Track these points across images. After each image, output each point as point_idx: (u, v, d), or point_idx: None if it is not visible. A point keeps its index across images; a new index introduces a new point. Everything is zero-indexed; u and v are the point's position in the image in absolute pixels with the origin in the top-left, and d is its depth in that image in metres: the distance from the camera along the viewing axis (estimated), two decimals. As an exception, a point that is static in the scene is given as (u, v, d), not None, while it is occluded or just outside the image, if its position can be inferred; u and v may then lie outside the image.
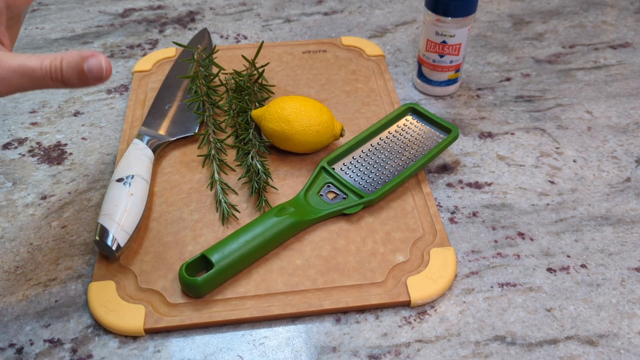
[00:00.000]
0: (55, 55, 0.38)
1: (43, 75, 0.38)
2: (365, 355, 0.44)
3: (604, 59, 0.72)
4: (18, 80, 0.37)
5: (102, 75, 0.38)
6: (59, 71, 0.38)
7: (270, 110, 0.56)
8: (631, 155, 0.60)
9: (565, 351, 0.44)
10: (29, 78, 0.38)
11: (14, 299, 0.47)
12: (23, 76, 0.37)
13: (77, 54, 0.38)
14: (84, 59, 0.38)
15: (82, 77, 0.38)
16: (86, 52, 0.38)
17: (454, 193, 0.56)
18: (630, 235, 0.52)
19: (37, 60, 0.38)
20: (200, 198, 0.54)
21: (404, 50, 0.74)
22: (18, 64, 0.37)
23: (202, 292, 0.46)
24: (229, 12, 0.81)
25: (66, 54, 0.38)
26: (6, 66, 0.37)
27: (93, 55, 0.38)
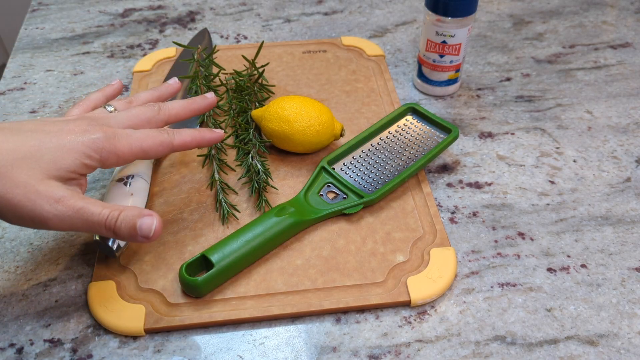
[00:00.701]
0: (116, 207, 0.42)
1: (99, 221, 0.41)
2: (366, 355, 0.44)
3: (604, 59, 0.72)
4: (76, 220, 0.40)
5: (148, 236, 0.41)
6: (113, 222, 0.41)
7: (270, 110, 0.56)
8: (631, 155, 0.60)
9: (565, 351, 0.44)
10: (85, 220, 0.41)
11: (14, 299, 0.47)
12: (81, 217, 0.40)
13: (136, 212, 0.42)
14: (139, 217, 0.41)
15: (133, 233, 0.41)
16: (144, 210, 0.42)
17: (454, 193, 0.56)
18: (630, 235, 0.52)
19: (98, 207, 0.41)
20: (200, 198, 0.54)
21: (404, 50, 0.74)
22: (81, 205, 0.40)
23: (202, 292, 0.46)
24: (229, 12, 0.81)
25: (126, 208, 0.42)
26: (71, 205, 0.40)
27: (149, 215, 0.42)
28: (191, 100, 0.52)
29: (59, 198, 0.40)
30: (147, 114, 0.48)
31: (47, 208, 0.40)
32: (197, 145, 0.49)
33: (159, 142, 0.46)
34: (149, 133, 0.46)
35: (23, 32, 0.77)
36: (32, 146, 0.41)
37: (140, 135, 0.45)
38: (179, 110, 0.50)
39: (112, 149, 0.43)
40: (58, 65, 0.71)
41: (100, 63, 0.72)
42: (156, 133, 0.46)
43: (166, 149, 0.47)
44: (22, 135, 0.41)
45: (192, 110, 0.51)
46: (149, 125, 0.48)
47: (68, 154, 0.41)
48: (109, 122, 0.46)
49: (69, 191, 0.41)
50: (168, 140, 0.47)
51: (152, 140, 0.46)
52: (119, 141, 0.44)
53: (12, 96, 0.67)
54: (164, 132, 0.47)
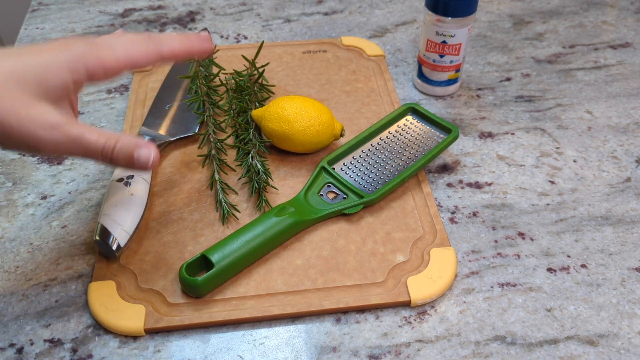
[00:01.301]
0: (112, 135, 0.40)
1: (95, 150, 0.40)
2: (366, 355, 0.44)
3: (604, 59, 0.72)
4: (72, 147, 0.39)
5: (147, 166, 0.41)
6: (110, 151, 0.40)
7: (270, 110, 0.56)
8: (631, 155, 0.60)
9: (565, 351, 0.44)
10: (82, 148, 0.40)
11: (14, 299, 0.47)
12: (78, 146, 0.39)
13: (133, 141, 0.41)
14: (136, 147, 0.41)
15: (130, 162, 0.41)
16: (141, 141, 0.41)
17: (454, 193, 0.56)
18: (630, 235, 0.52)
19: (95, 135, 0.40)
20: (200, 198, 0.54)
21: (404, 50, 0.74)
22: (77, 133, 0.39)
23: (202, 292, 0.46)
24: (229, 12, 0.81)
25: (123, 137, 0.41)
26: (67, 133, 0.39)
27: (146, 146, 0.41)
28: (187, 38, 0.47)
29: (54, 125, 0.38)
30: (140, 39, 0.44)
31: (42, 134, 0.38)
32: (187, 53, 0.45)
33: (145, 51, 0.43)
34: (134, 40, 0.43)
35: (23, 32, 0.77)
36: (13, 66, 0.38)
37: (125, 45, 0.42)
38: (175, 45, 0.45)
39: (97, 60, 0.41)
40: (58, 65, 0.71)
41: (100, 63, 0.72)
42: (141, 40, 0.43)
43: (155, 57, 0.43)
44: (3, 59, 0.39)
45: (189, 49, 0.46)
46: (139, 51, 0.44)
47: (52, 71, 0.39)
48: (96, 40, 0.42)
49: (63, 116, 0.39)
50: (155, 49, 0.43)
51: (137, 49, 0.42)
52: (103, 51, 0.41)
53: (12, 96, 0.67)
54: (150, 41, 0.43)
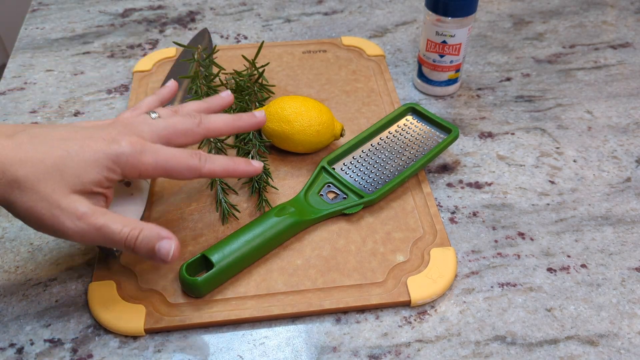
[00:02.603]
0: (136, 225, 0.41)
1: (119, 240, 0.41)
2: (366, 355, 0.44)
3: (604, 59, 0.72)
4: (96, 237, 0.41)
5: (166, 260, 0.41)
6: (133, 241, 0.41)
7: (270, 110, 0.56)
8: (631, 155, 0.60)
9: (565, 351, 0.44)
10: (106, 238, 0.41)
11: (14, 299, 0.47)
12: (102, 235, 0.41)
13: (155, 233, 0.41)
14: (158, 239, 0.41)
15: (151, 254, 0.41)
16: (164, 232, 0.42)
17: (454, 193, 0.56)
18: (630, 235, 0.52)
19: (119, 225, 0.41)
20: (200, 198, 0.54)
21: (404, 50, 0.74)
22: (102, 223, 0.40)
23: (202, 292, 0.46)
24: (229, 12, 0.81)
25: (146, 228, 0.41)
26: (92, 223, 0.40)
27: (168, 238, 0.41)
28: (237, 117, 0.49)
29: (81, 215, 0.40)
30: (185, 125, 0.46)
31: (69, 224, 0.40)
32: (228, 176, 0.47)
33: (186, 167, 0.44)
34: (178, 154, 0.44)
35: (23, 32, 0.77)
36: (58, 157, 0.40)
37: (168, 155, 0.44)
38: (221, 126, 0.48)
39: (136, 163, 0.42)
40: (58, 65, 0.71)
41: (101, 63, 0.72)
42: (186, 156, 0.44)
43: (192, 175, 0.45)
44: (49, 145, 0.41)
45: (235, 128, 0.49)
46: (185, 137, 0.46)
47: (91, 168, 0.41)
48: (142, 132, 0.44)
49: (91, 207, 0.41)
50: (196, 167, 0.44)
51: (178, 162, 0.44)
52: (144, 156, 0.42)
53: (12, 96, 0.67)
54: (195, 156, 0.44)
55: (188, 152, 0.45)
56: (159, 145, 0.44)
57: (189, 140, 0.46)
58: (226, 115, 0.49)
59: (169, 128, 0.46)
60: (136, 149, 0.42)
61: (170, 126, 0.46)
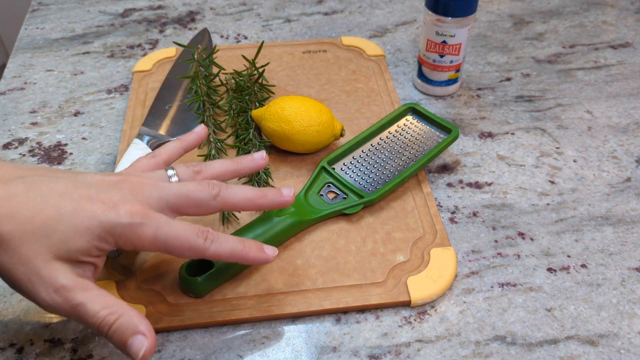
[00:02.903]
0: (115, 311, 0.38)
1: (92, 323, 0.37)
2: (366, 355, 0.44)
3: (604, 59, 0.72)
4: (70, 314, 0.37)
5: (136, 358, 0.37)
6: (106, 328, 0.37)
7: (270, 110, 0.56)
8: (631, 155, 0.60)
9: (565, 351, 0.44)
10: (79, 318, 0.38)
11: (14, 299, 0.47)
12: (76, 314, 0.37)
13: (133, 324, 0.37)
14: (132, 334, 0.37)
15: (121, 347, 0.38)
16: (143, 326, 0.38)
17: (454, 193, 0.56)
18: (630, 235, 0.52)
19: (97, 306, 0.37)
20: (200, 198, 0.54)
21: (404, 50, 0.74)
22: (79, 302, 0.37)
23: (202, 292, 0.46)
24: (229, 12, 0.81)
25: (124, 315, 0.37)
26: (69, 299, 0.37)
27: (142, 334, 0.37)
28: (262, 194, 0.44)
29: (59, 288, 0.37)
30: (200, 195, 0.42)
31: (44, 295, 0.37)
32: (235, 260, 0.42)
33: (188, 247, 0.40)
34: (182, 232, 0.40)
35: (23, 32, 0.77)
36: (48, 218, 0.37)
37: (171, 231, 0.39)
38: (241, 201, 0.43)
39: (131, 236, 0.39)
40: (58, 65, 0.71)
41: (101, 63, 0.72)
42: (191, 235, 0.40)
43: (193, 255, 0.41)
44: (44, 201, 0.37)
45: (257, 206, 0.45)
46: (198, 209, 0.42)
47: (81, 235, 0.37)
48: (150, 198, 0.40)
49: (73, 280, 0.37)
50: (200, 249, 0.40)
51: (180, 242, 0.40)
52: (142, 229, 0.39)
53: (12, 96, 0.67)
54: (201, 236, 0.40)
55: (195, 230, 0.40)
56: (164, 219, 0.40)
57: (201, 212, 0.42)
58: (249, 189, 0.44)
59: (180, 197, 0.41)
60: (135, 221, 0.38)
61: (182, 195, 0.41)
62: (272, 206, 0.46)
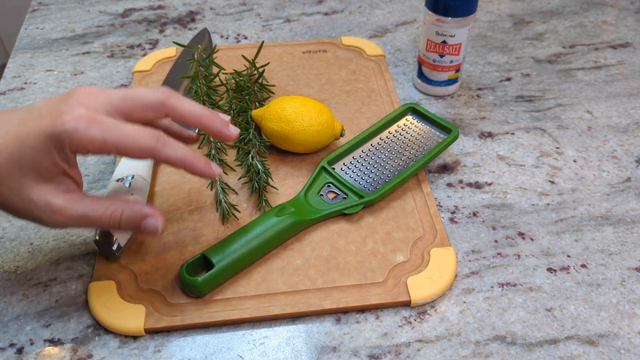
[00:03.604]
0: (117, 207, 0.41)
1: (102, 225, 0.41)
2: (366, 355, 0.44)
3: (604, 59, 0.72)
4: (77, 225, 0.41)
5: (155, 235, 0.42)
6: (117, 224, 0.41)
7: (270, 110, 0.56)
8: (631, 155, 0.60)
9: (565, 351, 0.44)
10: (87, 224, 0.41)
11: (14, 299, 0.47)
12: (82, 223, 0.40)
13: (139, 211, 0.41)
14: (143, 217, 0.41)
15: (138, 230, 0.42)
16: (147, 209, 0.41)
17: (454, 193, 0.56)
18: (630, 235, 0.52)
19: (99, 210, 0.40)
20: (200, 198, 0.54)
21: (404, 50, 0.74)
22: (80, 213, 0.40)
23: (203, 292, 0.46)
24: (229, 12, 0.81)
25: (127, 208, 0.41)
26: (70, 215, 0.39)
27: (152, 216, 0.41)
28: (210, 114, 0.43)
29: (55, 209, 0.39)
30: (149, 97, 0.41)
31: (46, 219, 0.39)
32: (183, 169, 0.42)
33: (139, 147, 0.39)
34: (133, 132, 0.39)
35: (23, 32, 0.77)
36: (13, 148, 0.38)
37: (121, 132, 0.39)
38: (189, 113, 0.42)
39: (81, 140, 0.38)
40: (58, 65, 0.71)
41: (101, 63, 0.72)
42: (143, 136, 0.40)
43: (146, 156, 0.40)
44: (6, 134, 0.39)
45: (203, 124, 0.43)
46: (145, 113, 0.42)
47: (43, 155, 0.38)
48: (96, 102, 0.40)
49: (64, 198, 0.39)
50: (152, 149, 0.40)
51: (131, 142, 0.39)
52: (90, 132, 0.38)
53: (12, 96, 0.67)
54: (152, 137, 0.40)
55: (147, 132, 0.40)
56: (113, 121, 0.39)
57: (149, 114, 0.42)
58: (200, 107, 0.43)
59: (127, 99, 0.41)
60: (79, 126, 0.38)
61: (129, 97, 0.41)
62: (215, 133, 0.44)
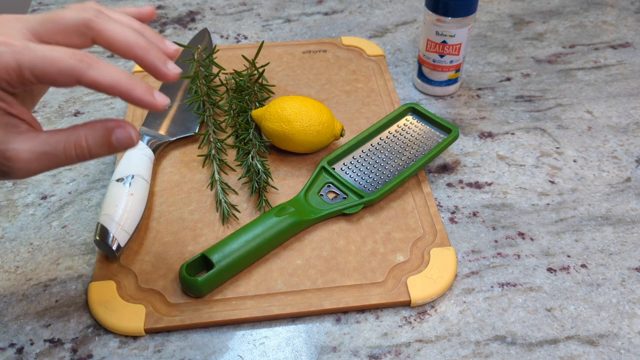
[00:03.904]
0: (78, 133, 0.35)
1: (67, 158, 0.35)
2: (366, 355, 0.44)
3: (604, 59, 0.72)
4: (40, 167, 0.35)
5: (132, 144, 0.36)
6: (85, 151, 0.35)
7: (270, 110, 0.56)
8: (631, 155, 0.60)
9: (565, 351, 0.44)
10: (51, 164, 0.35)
11: (14, 299, 0.47)
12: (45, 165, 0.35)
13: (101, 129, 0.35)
14: (110, 133, 0.35)
15: (112, 149, 0.36)
16: (110, 122, 0.35)
17: (454, 193, 0.56)
18: (630, 235, 0.52)
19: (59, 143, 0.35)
20: (200, 198, 0.54)
21: (404, 50, 0.74)
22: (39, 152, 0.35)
23: (203, 292, 0.46)
24: (229, 12, 0.81)
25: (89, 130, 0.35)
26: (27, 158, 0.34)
27: (119, 126, 0.35)
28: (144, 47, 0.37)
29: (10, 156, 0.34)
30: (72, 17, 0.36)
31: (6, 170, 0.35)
32: (117, 95, 0.35)
33: (58, 70, 0.33)
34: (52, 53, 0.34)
35: (23, 32, 0.77)
36: None
37: (37, 54, 0.33)
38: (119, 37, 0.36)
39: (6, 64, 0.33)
40: (58, 65, 0.71)
41: (101, 63, 0.72)
42: (64, 55, 0.34)
43: (69, 81, 0.34)
44: None
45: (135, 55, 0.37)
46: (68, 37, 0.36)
47: None
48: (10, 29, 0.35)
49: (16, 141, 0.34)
50: (75, 70, 0.34)
51: (50, 64, 0.33)
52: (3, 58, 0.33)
53: (12, 96, 0.67)
54: (75, 57, 0.34)
55: (69, 51, 0.34)
56: (28, 43, 0.34)
57: (73, 39, 0.36)
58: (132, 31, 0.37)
59: (45, 22, 0.35)
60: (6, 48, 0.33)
61: (48, 19, 0.36)
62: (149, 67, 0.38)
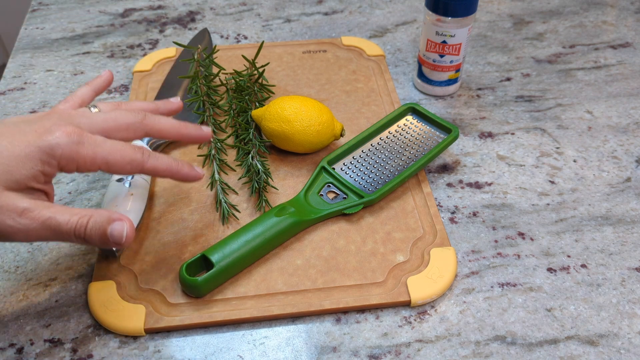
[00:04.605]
0: (85, 213, 0.39)
1: (67, 231, 0.39)
2: (366, 355, 0.44)
3: (604, 59, 0.72)
4: (43, 232, 0.38)
5: (121, 242, 0.39)
6: (83, 229, 0.39)
7: (270, 110, 0.56)
8: (631, 155, 0.60)
9: (565, 351, 0.44)
10: (53, 231, 0.38)
11: (14, 299, 0.47)
12: (48, 229, 0.38)
13: (105, 216, 0.39)
14: (109, 222, 0.39)
15: (104, 239, 0.39)
16: (115, 214, 0.40)
17: (454, 193, 0.56)
18: (630, 235, 0.52)
19: (66, 215, 0.39)
20: (200, 198, 0.54)
21: (404, 50, 0.74)
22: (48, 216, 0.38)
23: (203, 292, 0.46)
24: (229, 12, 0.81)
25: (95, 214, 0.39)
26: (36, 217, 0.38)
27: (119, 220, 0.40)
28: (184, 125, 0.47)
29: (22, 210, 0.38)
30: (127, 119, 0.44)
31: (10, 222, 0.37)
32: (170, 177, 0.45)
33: (128, 161, 0.42)
34: (120, 146, 0.42)
35: (23, 32, 0.77)
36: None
37: (109, 147, 0.41)
38: (166, 127, 0.46)
39: (73, 155, 0.39)
40: (58, 65, 0.71)
41: (101, 63, 0.72)
42: (129, 149, 0.42)
43: (134, 170, 0.42)
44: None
45: (181, 135, 0.47)
46: (127, 132, 0.44)
47: (23, 163, 0.38)
48: (80, 123, 0.41)
49: (33, 202, 0.38)
50: (139, 161, 0.42)
51: (120, 156, 0.41)
52: (83, 148, 0.40)
53: (12, 96, 0.67)
54: (138, 151, 0.42)
55: (132, 146, 0.42)
56: (100, 138, 0.41)
57: (130, 135, 0.44)
58: (173, 120, 0.47)
59: (109, 121, 0.43)
60: (72, 140, 0.39)
61: (110, 119, 0.43)
62: (193, 137, 0.48)
